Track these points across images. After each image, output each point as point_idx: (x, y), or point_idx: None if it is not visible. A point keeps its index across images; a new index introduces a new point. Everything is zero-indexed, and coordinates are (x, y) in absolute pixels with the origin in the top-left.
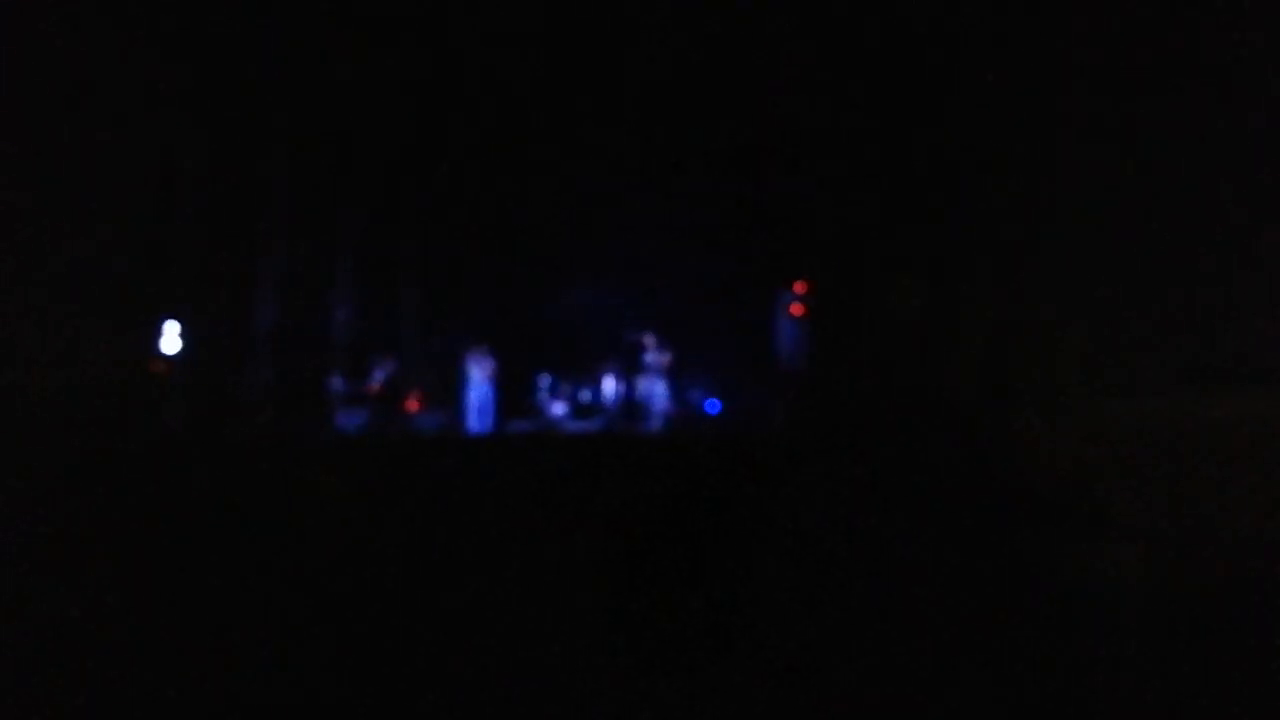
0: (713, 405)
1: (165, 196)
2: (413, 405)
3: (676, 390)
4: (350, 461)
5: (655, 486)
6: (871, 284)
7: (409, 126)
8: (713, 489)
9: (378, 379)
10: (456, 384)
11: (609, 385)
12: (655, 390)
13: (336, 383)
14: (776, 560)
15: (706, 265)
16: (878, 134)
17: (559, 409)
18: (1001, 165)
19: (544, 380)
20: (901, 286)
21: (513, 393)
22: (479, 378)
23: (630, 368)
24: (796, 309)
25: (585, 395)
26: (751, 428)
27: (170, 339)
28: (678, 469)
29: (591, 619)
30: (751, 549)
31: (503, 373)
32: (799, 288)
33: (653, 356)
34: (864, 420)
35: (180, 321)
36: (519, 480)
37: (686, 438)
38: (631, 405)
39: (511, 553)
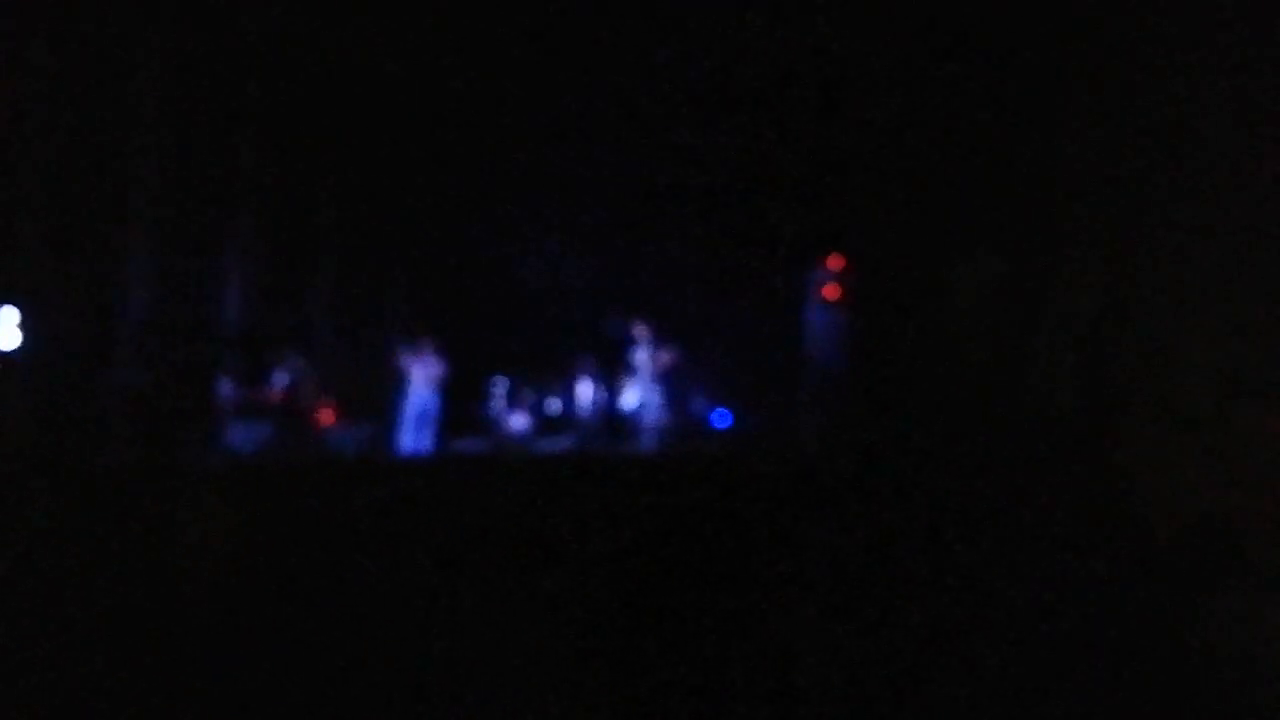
0: (722, 418)
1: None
2: (327, 417)
3: (675, 398)
4: (243, 492)
5: (646, 524)
6: (931, 258)
7: (326, 60)
8: (723, 528)
9: (280, 383)
10: (386, 389)
11: (585, 391)
12: (647, 398)
13: (225, 387)
14: (808, 626)
15: (715, 235)
16: (940, 59)
17: (520, 422)
18: (1107, 98)
19: (500, 384)
20: (972, 262)
21: (459, 401)
22: (417, 381)
23: (614, 369)
24: (832, 291)
25: (554, 404)
26: (774, 447)
27: (6, 331)
28: (676, 502)
29: (565, 700)
30: (775, 608)
31: (448, 375)
32: (835, 264)
33: (644, 354)
34: (922, 438)
35: (20, 308)
36: (467, 517)
37: (688, 460)
38: (615, 417)
39: (457, 615)
